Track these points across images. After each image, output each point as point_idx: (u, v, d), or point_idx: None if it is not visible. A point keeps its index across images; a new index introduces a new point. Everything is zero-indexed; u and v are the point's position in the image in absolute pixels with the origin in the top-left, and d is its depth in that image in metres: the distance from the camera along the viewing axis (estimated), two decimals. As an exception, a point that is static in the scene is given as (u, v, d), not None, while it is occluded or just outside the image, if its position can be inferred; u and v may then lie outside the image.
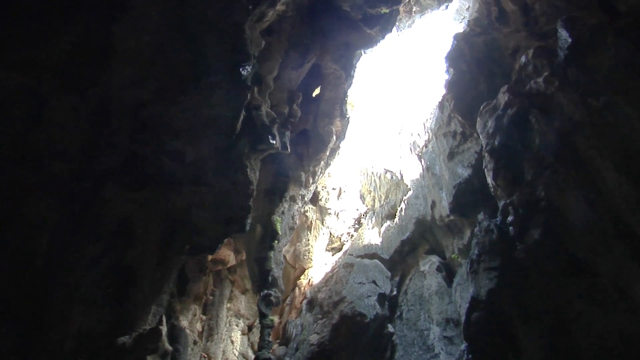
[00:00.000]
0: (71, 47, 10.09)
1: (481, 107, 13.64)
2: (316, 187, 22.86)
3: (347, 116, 19.34)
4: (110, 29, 10.68)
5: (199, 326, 16.11)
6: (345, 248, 23.13)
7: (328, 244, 24.33)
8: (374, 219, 23.83)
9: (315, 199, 24.67)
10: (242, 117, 12.57)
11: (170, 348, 10.81)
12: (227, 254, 17.71)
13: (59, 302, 9.34)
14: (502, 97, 12.73)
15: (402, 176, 23.16)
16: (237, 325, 17.81)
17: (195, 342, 14.35)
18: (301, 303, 19.56)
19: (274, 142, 14.55)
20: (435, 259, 18.48)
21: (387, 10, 16.45)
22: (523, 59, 12.49)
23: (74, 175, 10.12)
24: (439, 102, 18.46)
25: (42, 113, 9.90)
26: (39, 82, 9.77)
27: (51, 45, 9.95)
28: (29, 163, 9.59)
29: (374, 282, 18.50)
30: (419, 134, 21.81)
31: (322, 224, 24.85)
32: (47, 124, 9.90)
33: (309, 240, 23.32)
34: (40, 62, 9.82)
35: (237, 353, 17.21)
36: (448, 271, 17.93)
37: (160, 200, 11.46)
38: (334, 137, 18.88)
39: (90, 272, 9.85)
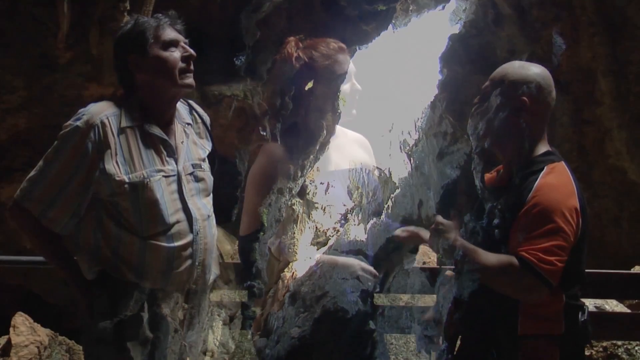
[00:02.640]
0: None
1: (472, 109, 13.59)
2: (304, 181, 22.78)
3: (339, 111, 19.18)
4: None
5: (180, 314, 15.98)
6: (330, 243, 23.10)
7: (313, 238, 24.13)
8: (360, 215, 23.89)
9: (302, 193, 24.47)
10: (233, 107, 12.47)
11: (150, 335, 10.54)
12: (212, 244, 17.63)
13: (41, 283, 9.26)
14: (494, 100, 12.71)
15: (390, 174, 23.19)
16: (218, 315, 17.69)
17: (176, 330, 14.23)
18: (284, 296, 19.42)
19: (264, 133, 14.40)
20: (419, 258, 18.51)
21: (384, 7, 16.29)
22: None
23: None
24: (431, 102, 18.34)
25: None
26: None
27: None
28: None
29: (357, 278, 18.50)
30: (409, 133, 21.79)
31: (309, 218, 24.67)
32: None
33: (294, 233, 23.02)
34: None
35: (217, 343, 17.17)
36: (432, 271, 17.96)
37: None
38: (325, 131, 18.57)
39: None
